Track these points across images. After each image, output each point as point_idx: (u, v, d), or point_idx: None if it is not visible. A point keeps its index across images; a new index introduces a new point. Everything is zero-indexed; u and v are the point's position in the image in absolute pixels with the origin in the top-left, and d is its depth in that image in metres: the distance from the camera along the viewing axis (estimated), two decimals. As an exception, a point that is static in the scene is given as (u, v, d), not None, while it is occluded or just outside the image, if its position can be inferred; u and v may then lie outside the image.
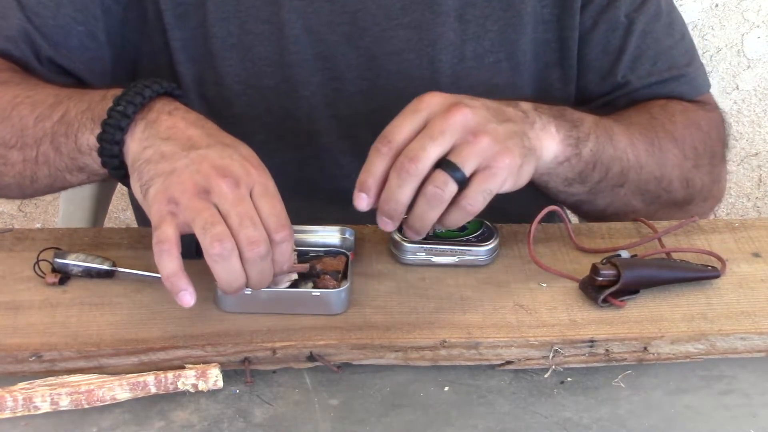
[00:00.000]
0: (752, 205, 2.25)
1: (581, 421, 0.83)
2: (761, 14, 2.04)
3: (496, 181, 0.87)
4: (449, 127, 0.86)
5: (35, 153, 0.96)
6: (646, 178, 1.04)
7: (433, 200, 0.86)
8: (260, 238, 0.82)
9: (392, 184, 0.86)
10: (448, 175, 0.86)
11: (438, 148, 0.86)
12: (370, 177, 0.87)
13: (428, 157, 0.85)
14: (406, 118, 0.87)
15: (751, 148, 2.17)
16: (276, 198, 0.85)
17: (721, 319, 0.91)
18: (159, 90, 0.91)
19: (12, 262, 0.96)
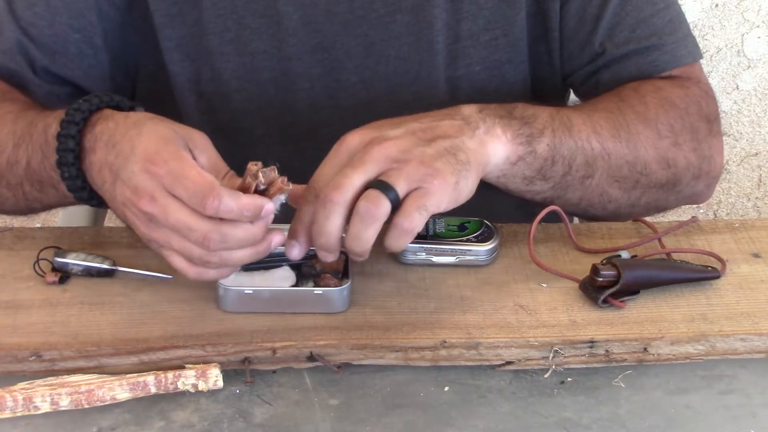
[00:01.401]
0: (752, 205, 2.25)
1: (581, 421, 0.83)
2: (761, 14, 2.04)
3: (431, 199, 0.86)
4: (370, 158, 0.86)
5: (22, 192, 0.98)
6: (617, 163, 1.01)
7: (366, 217, 0.84)
8: (201, 233, 0.82)
9: (319, 217, 0.85)
10: (380, 192, 0.84)
11: (361, 176, 0.85)
12: (299, 224, 0.87)
13: (351, 184, 0.84)
14: (327, 163, 0.87)
15: (751, 148, 2.17)
16: (185, 174, 0.82)
17: (721, 319, 0.91)
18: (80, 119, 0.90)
19: (12, 261, 0.96)
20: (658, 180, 1.04)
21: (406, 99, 1.12)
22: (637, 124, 1.03)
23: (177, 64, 1.11)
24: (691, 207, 2.24)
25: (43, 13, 1.07)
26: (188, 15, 1.09)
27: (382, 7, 1.09)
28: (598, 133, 1.00)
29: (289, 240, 0.87)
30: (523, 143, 0.95)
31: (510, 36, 1.11)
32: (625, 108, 1.04)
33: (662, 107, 1.06)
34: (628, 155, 1.02)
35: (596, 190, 1.01)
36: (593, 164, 1.00)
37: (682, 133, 1.06)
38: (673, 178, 1.05)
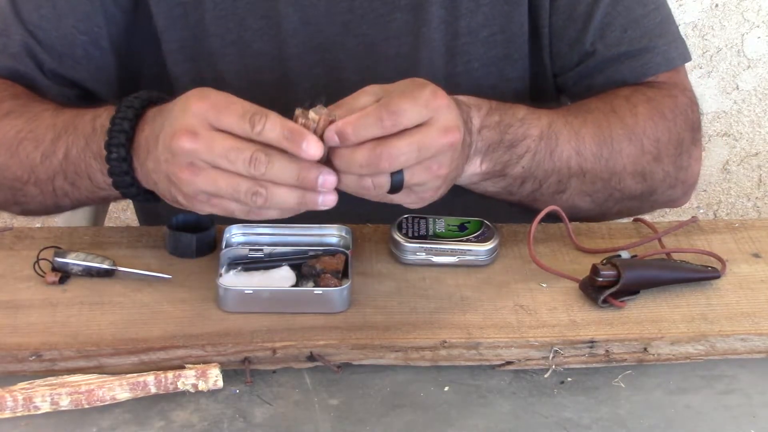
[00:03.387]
0: (752, 205, 2.25)
1: (581, 421, 0.83)
2: (761, 14, 2.04)
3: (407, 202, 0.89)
4: (437, 148, 0.85)
5: (51, 187, 0.99)
6: (592, 180, 1.02)
7: (360, 188, 0.85)
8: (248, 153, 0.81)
9: (358, 158, 0.83)
10: (389, 183, 0.85)
11: (414, 162, 0.84)
12: (355, 135, 0.83)
13: (403, 164, 0.84)
14: (417, 108, 0.84)
15: (751, 148, 2.17)
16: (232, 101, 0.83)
17: (721, 319, 0.91)
18: (139, 106, 0.92)
19: (12, 261, 0.96)
20: (632, 192, 1.05)
21: None
22: (622, 141, 1.03)
23: (179, 66, 1.11)
24: (691, 206, 2.24)
25: (49, 15, 1.08)
26: (190, 17, 1.09)
27: (381, 6, 1.09)
28: (580, 153, 1.01)
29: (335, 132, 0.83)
30: (496, 171, 0.97)
31: (508, 32, 1.11)
32: (614, 121, 1.04)
33: (652, 119, 1.06)
34: (605, 173, 1.03)
35: (567, 203, 1.02)
36: (567, 182, 1.01)
37: (667, 146, 1.06)
38: (648, 189, 1.06)
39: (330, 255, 0.94)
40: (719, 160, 2.17)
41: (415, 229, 0.98)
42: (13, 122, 1.00)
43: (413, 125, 0.84)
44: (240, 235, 0.98)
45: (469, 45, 1.12)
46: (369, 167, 0.83)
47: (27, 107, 1.02)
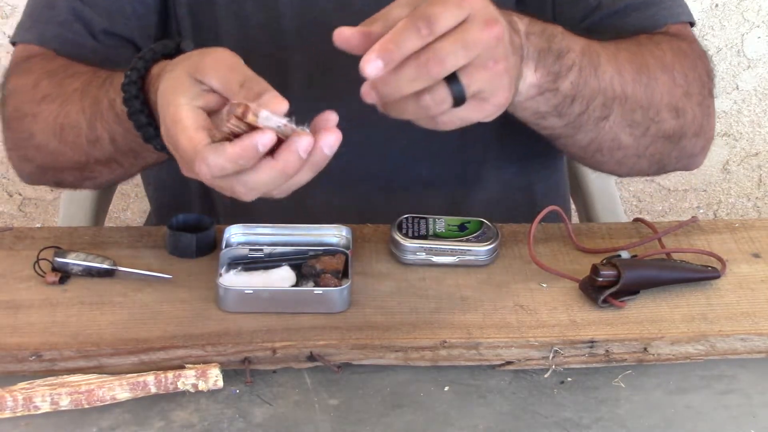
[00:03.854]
0: (752, 205, 2.25)
1: (581, 421, 0.83)
2: (761, 14, 2.04)
3: (482, 115, 0.83)
4: (483, 42, 0.79)
5: (115, 164, 1.00)
6: (632, 108, 0.99)
7: (420, 109, 0.81)
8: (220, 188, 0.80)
9: (407, 73, 0.79)
10: (449, 95, 0.80)
11: (464, 60, 0.79)
12: (398, 50, 0.78)
13: (454, 65, 0.79)
14: (450, 10, 0.79)
15: (751, 148, 2.17)
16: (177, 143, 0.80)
17: (721, 319, 0.91)
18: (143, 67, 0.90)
19: (12, 261, 0.96)
20: (667, 130, 1.03)
21: None
22: (656, 69, 1.02)
23: (187, 33, 1.11)
24: (691, 206, 2.24)
25: None
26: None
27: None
28: (621, 75, 0.98)
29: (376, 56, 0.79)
30: (549, 81, 0.92)
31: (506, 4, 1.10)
32: (645, 52, 1.02)
33: (677, 56, 1.05)
34: (644, 100, 1.00)
35: (609, 134, 0.99)
36: (611, 106, 0.98)
37: (693, 83, 1.05)
38: (680, 130, 1.04)
39: (330, 255, 0.94)
40: (719, 160, 2.17)
41: (415, 229, 0.98)
42: (50, 107, 1.00)
43: (451, 28, 0.79)
44: (240, 235, 0.98)
45: None
46: (420, 78, 0.78)
47: (61, 87, 1.01)
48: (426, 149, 1.16)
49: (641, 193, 2.21)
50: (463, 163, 1.18)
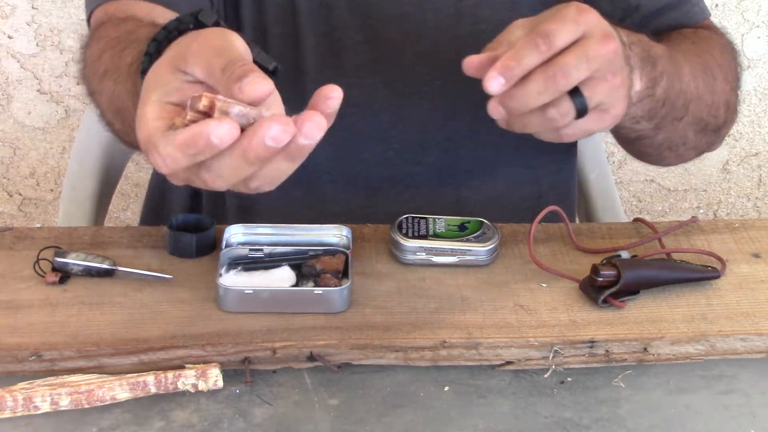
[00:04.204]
0: (752, 205, 2.25)
1: (581, 421, 0.83)
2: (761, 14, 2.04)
3: (603, 125, 0.86)
4: (603, 56, 0.83)
5: None
6: (701, 107, 1.03)
7: (545, 122, 0.84)
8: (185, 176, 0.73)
9: (534, 87, 0.81)
10: (573, 107, 0.83)
11: (587, 74, 0.82)
12: (519, 66, 0.81)
13: (578, 78, 0.82)
14: (567, 26, 0.83)
15: (751, 148, 2.17)
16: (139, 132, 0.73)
17: (721, 319, 0.91)
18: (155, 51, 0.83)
19: (12, 261, 0.96)
20: (719, 124, 1.06)
21: (410, 59, 1.12)
22: (714, 67, 1.05)
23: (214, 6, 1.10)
24: (691, 206, 2.24)
25: None
26: None
27: None
28: (695, 76, 1.01)
29: (498, 73, 0.81)
30: (649, 87, 0.94)
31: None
32: (702, 51, 1.06)
33: (722, 52, 1.08)
34: (709, 99, 1.04)
35: (680, 133, 1.03)
36: (687, 107, 1.01)
37: (736, 78, 1.09)
38: (726, 121, 1.07)
39: (330, 255, 0.94)
40: (719, 160, 2.17)
41: (415, 229, 0.98)
42: (108, 85, 0.94)
43: (569, 44, 0.82)
44: (240, 235, 0.98)
45: (476, 7, 1.11)
46: (546, 91, 0.81)
47: (120, 60, 0.92)
48: (437, 137, 1.16)
49: (641, 193, 2.21)
50: (473, 155, 1.18)
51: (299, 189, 0.89)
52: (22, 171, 2.04)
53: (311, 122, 0.71)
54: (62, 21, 1.86)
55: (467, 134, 1.17)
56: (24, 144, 2.00)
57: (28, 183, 2.05)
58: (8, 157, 2.01)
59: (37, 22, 1.84)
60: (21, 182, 2.05)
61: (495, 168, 1.19)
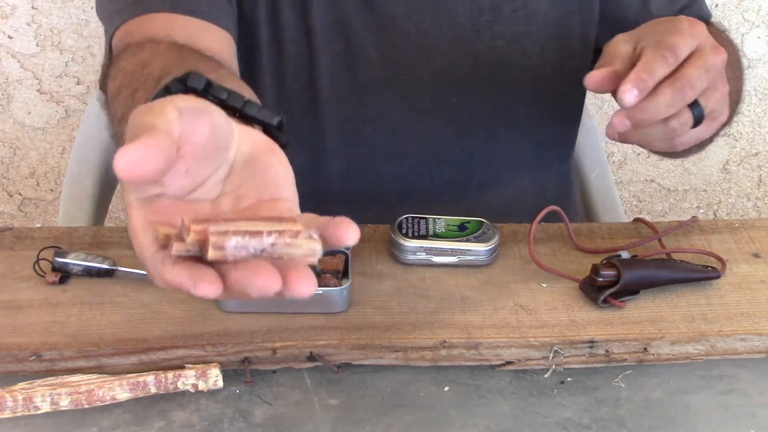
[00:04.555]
0: (752, 205, 2.25)
1: (581, 421, 0.83)
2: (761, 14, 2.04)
3: (710, 132, 0.90)
4: (715, 66, 0.87)
5: None
6: (735, 99, 1.06)
7: (670, 133, 0.87)
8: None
9: (663, 99, 0.84)
10: (692, 118, 0.87)
11: (706, 84, 0.86)
12: (651, 79, 0.84)
13: (701, 89, 0.86)
14: (687, 40, 0.86)
15: (751, 148, 2.17)
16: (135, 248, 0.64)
17: (720, 319, 0.91)
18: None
19: (12, 261, 0.96)
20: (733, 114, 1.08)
21: (426, 75, 1.12)
22: (736, 63, 1.08)
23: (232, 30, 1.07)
24: (691, 206, 2.24)
25: None
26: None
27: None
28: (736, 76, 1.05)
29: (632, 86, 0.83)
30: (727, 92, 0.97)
31: (527, 8, 1.11)
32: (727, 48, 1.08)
33: (733, 47, 1.10)
34: (738, 95, 1.08)
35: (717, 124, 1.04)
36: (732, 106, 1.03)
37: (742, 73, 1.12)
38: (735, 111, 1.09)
39: (330, 255, 0.94)
40: (719, 160, 2.17)
41: (415, 229, 0.98)
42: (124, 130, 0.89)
43: (686, 56, 0.86)
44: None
45: (492, 22, 1.11)
46: (675, 102, 0.84)
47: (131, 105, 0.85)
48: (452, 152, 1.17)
49: (641, 193, 2.21)
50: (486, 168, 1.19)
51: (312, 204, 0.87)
52: (22, 171, 2.04)
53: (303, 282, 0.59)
54: (62, 21, 1.86)
55: (481, 148, 1.17)
56: (24, 144, 2.00)
57: (28, 183, 2.06)
58: (8, 157, 2.01)
59: (37, 22, 1.84)
60: (21, 182, 2.05)
61: (504, 180, 1.20)
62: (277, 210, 0.64)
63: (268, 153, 0.67)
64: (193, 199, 0.64)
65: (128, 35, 0.97)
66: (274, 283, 0.57)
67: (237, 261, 0.58)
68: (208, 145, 0.63)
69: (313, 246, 0.59)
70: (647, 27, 0.90)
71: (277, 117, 0.73)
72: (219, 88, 0.72)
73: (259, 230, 0.58)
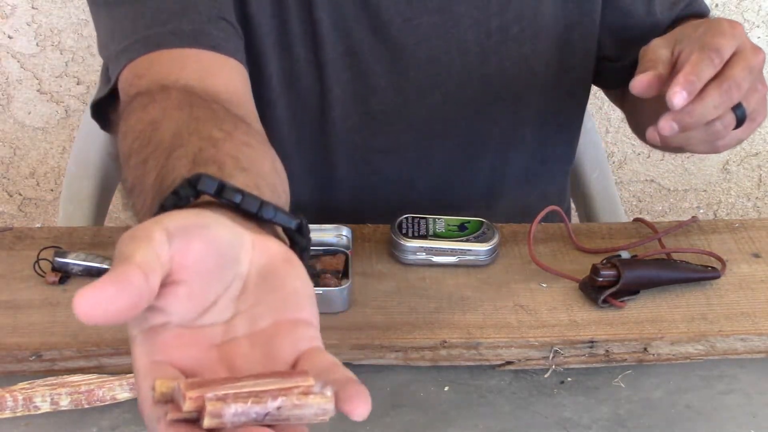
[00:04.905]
0: (752, 205, 2.25)
1: (581, 421, 0.83)
2: (761, 14, 2.04)
3: (749, 133, 0.91)
4: (756, 67, 0.87)
5: None
6: None
7: (713, 135, 0.88)
8: None
9: (710, 101, 0.85)
10: (735, 119, 0.87)
11: (749, 84, 0.87)
12: (699, 81, 0.84)
13: (745, 89, 0.86)
14: (729, 41, 0.87)
15: (751, 148, 2.17)
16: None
17: (720, 319, 0.91)
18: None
19: (12, 261, 0.96)
20: None
21: (436, 101, 1.11)
22: None
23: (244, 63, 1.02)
24: (691, 206, 2.24)
25: None
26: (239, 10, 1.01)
27: (408, 9, 1.07)
28: None
29: (681, 89, 0.84)
30: None
31: (534, 27, 1.11)
32: None
33: None
34: None
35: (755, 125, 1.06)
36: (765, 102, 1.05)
37: None
38: None
39: (330, 255, 0.94)
40: (719, 160, 2.17)
41: (415, 229, 0.98)
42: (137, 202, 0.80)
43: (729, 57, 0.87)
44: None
45: (500, 44, 1.10)
46: (722, 103, 0.85)
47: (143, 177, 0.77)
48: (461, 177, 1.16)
49: (641, 193, 2.21)
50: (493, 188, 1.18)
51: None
52: (22, 171, 2.04)
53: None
54: (62, 21, 1.86)
55: (490, 170, 1.17)
56: (24, 144, 2.00)
57: (28, 183, 2.06)
58: (8, 157, 2.01)
59: (37, 22, 1.84)
60: (21, 182, 2.05)
61: (509, 197, 1.20)
62: (296, 335, 0.59)
63: (286, 265, 0.62)
64: (203, 324, 0.58)
65: (137, 78, 0.90)
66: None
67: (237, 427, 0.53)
68: (210, 265, 0.58)
69: (325, 406, 0.53)
70: (683, 30, 0.91)
71: (295, 220, 0.69)
72: (232, 191, 0.64)
73: (264, 391, 0.53)
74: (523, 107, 1.14)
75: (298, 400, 0.53)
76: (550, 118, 1.18)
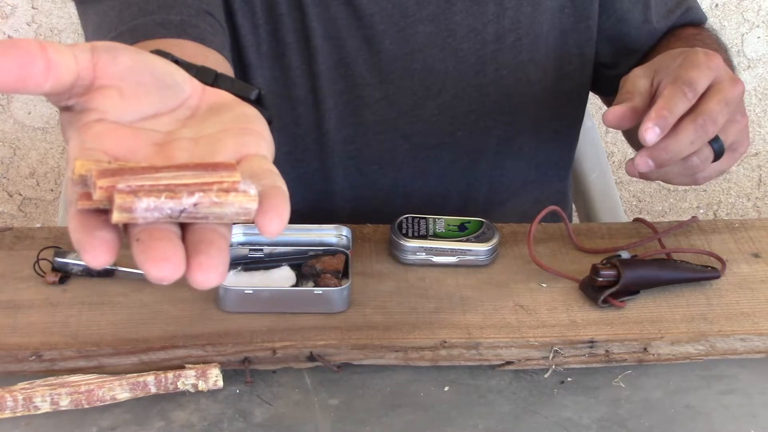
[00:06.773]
0: (752, 205, 2.25)
1: (581, 421, 0.83)
2: (761, 14, 2.04)
3: (730, 164, 0.90)
4: (734, 99, 0.87)
5: None
6: None
7: (691, 169, 0.87)
8: None
9: (685, 137, 0.84)
10: (713, 153, 0.87)
11: (726, 117, 0.86)
12: (672, 116, 0.83)
13: (721, 123, 0.85)
14: (704, 73, 0.86)
15: (751, 148, 2.17)
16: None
17: (720, 320, 0.91)
18: None
19: (12, 261, 0.96)
20: None
21: (431, 112, 1.10)
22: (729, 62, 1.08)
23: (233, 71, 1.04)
24: (691, 206, 2.24)
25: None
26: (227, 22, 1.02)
27: (402, 20, 1.06)
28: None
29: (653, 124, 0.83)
30: None
31: (531, 35, 1.10)
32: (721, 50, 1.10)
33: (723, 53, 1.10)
34: None
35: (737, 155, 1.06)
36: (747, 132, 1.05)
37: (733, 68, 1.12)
38: None
39: (330, 255, 0.94)
40: (719, 160, 2.17)
41: (415, 229, 0.98)
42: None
43: (704, 89, 0.86)
44: (240, 235, 0.98)
45: (497, 52, 1.10)
46: (698, 138, 0.84)
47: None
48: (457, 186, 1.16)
49: (641, 193, 2.21)
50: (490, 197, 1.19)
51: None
52: (22, 171, 2.04)
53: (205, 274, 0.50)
54: (62, 21, 1.86)
55: (486, 180, 1.17)
56: (24, 144, 2.00)
57: (28, 183, 2.06)
58: (8, 157, 2.02)
59: (37, 22, 1.85)
60: (21, 182, 2.05)
61: (507, 205, 1.20)
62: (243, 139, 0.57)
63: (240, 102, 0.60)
64: (144, 127, 0.57)
65: None
66: (172, 272, 0.48)
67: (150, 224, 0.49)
68: (142, 78, 0.57)
69: (247, 205, 0.49)
70: (663, 59, 0.90)
71: (254, 90, 0.68)
72: (186, 64, 0.65)
73: (181, 185, 0.49)
74: (520, 115, 1.14)
75: (217, 198, 0.48)
76: (547, 126, 1.17)
